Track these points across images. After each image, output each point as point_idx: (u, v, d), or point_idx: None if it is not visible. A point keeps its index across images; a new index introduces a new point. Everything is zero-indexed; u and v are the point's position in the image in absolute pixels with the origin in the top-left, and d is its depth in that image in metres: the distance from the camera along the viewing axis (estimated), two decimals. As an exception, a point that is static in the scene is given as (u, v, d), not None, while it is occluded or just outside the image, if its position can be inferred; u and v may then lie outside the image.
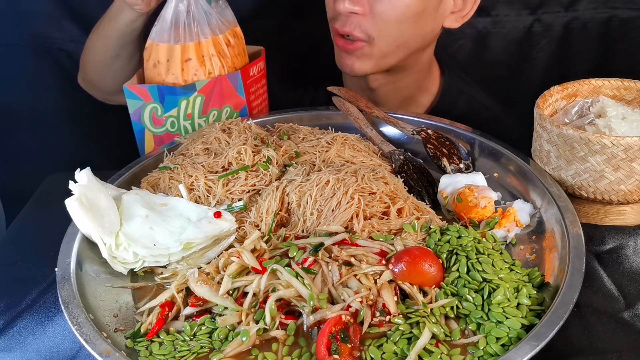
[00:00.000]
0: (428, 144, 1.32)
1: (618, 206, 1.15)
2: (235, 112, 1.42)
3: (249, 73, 1.42)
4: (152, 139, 1.42)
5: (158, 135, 1.41)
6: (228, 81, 1.38)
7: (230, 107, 1.41)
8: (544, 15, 1.83)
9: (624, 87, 1.27)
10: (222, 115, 1.41)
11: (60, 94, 1.97)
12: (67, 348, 0.99)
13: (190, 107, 1.38)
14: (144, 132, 1.41)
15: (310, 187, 1.11)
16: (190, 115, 1.39)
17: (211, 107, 1.39)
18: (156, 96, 1.36)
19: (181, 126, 1.40)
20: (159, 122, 1.40)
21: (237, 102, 1.41)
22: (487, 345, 0.88)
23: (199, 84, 1.36)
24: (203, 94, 1.37)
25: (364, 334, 0.90)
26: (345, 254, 0.99)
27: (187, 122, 1.39)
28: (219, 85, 1.37)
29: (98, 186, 1.09)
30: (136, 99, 1.37)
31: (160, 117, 1.39)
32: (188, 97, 1.36)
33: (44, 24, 1.88)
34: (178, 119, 1.39)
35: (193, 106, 1.38)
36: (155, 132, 1.41)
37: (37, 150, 2.02)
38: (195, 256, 1.07)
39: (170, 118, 1.39)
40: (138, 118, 1.39)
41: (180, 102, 1.37)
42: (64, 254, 1.04)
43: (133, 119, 1.40)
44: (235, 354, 0.90)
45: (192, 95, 1.36)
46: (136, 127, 1.40)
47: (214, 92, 1.38)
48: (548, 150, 1.16)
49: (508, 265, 1.00)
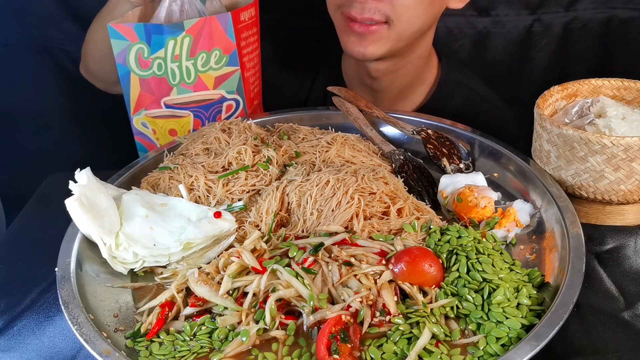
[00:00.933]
0: (428, 144, 1.32)
1: (618, 206, 1.15)
2: (225, 56, 1.37)
3: (240, 17, 1.37)
4: (137, 83, 1.37)
5: (144, 78, 1.36)
6: (217, 22, 1.33)
7: (219, 51, 1.36)
8: (544, 15, 1.83)
9: (624, 87, 1.27)
10: (210, 59, 1.36)
11: (60, 94, 1.97)
12: (67, 348, 0.99)
13: (178, 48, 1.33)
14: (129, 76, 1.36)
15: (310, 187, 1.11)
16: (177, 57, 1.34)
17: (200, 49, 1.34)
18: (142, 35, 1.31)
19: (168, 69, 1.35)
20: (146, 64, 1.34)
21: (227, 45, 1.36)
22: (487, 345, 0.88)
23: (187, 23, 1.31)
24: (191, 34, 1.32)
25: (364, 334, 0.90)
26: (345, 254, 0.99)
27: (174, 65, 1.34)
28: (208, 25, 1.33)
29: (98, 186, 1.09)
30: (121, 39, 1.32)
31: (147, 59, 1.34)
32: (176, 36, 1.31)
33: (44, 24, 1.89)
34: (165, 61, 1.34)
35: (181, 47, 1.33)
36: (141, 75, 1.36)
37: (37, 150, 2.02)
38: (195, 256, 1.07)
39: (157, 60, 1.34)
40: (123, 60, 1.34)
41: (168, 41, 1.32)
42: (64, 254, 1.04)
43: (118, 61, 1.34)
44: (235, 354, 0.90)
45: (180, 34, 1.31)
46: (121, 70, 1.35)
47: (202, 33, 1.33)
48: (548, 150, 1.16)
49: (508, 265, 1.00)
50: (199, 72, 1.37)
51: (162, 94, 1.38)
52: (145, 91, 1.38)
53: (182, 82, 1.37)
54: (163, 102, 1.39)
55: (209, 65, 1.36)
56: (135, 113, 1.41)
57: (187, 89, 1.38)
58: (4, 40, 1.89)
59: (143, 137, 1.44)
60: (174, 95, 1.38)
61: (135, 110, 1.41)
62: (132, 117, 1.42)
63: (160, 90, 1.38)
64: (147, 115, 1.40)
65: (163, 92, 1.38)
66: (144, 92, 1.38)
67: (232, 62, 1.38)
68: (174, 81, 1.37)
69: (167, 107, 1.35)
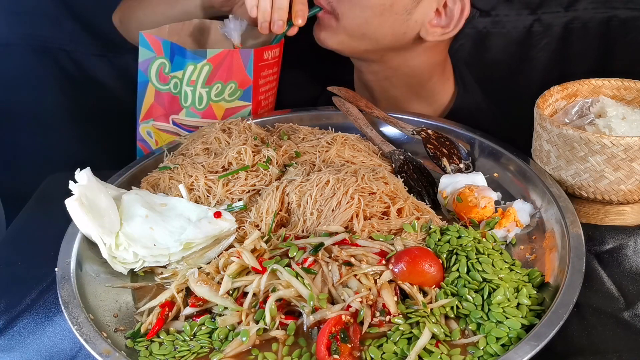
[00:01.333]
0: (428, 144, 1.32)
1: (618, 206, 1.15)
2: (240, 90, 1.39)
3: (263, 56, 1.39)
4: (153, 94, 1.39)
5: (160, 92, 1.39)
6: (239, 56, 1.35)
7: (235, 84, 1.38)
8: (544, 15, 1.83)
9: (624, 87, 1.27)
10: (225, 90, 1.38)
11: (60, 94, 1.97)
12: (67, 348, 0.99)
13: (196, 74, 1.35)
14: (147, 85, 1.39)
15: (310, 187, 1.11)
16: (193, 82, 1.36)
17: (217, 79, 1.36)
18: (168, 52, 1.34)
19: (182, 90, 1.37)
20: (165, 79, 1.38)
21: (244, 79, 1.38)
22: (487, 345, 0.88)
23: (210, 52, 1.34)
24: (212, 63, 1.34)
25: (364, 334, 0.90)
26: (345, 254, 0.99)
27: (189, 88, 1.37)
28: (230, 58, 1.35)
29: (98, 186, 1.09)
30: (149, 49, 1.36)
31: (167, 75, 1.37)
32: (196, 63, 1.34)
33: (44, 24, 1.89)
34: (181, 82, 1.37)
35: (199, 74, 1.35)
36: (159, 88, 1.39)
37: (37, 150, 2.02)
38: (195, 256, 1.07)
39: (174, 78, 1.37)
40: (145, 69, 1.37)
41: (187, 66, 1.34)
42: (64, 254, 1.04)
43: (140, 68, 1.37)
44: (235, 354, 0.90)
45: (200, 62, 1.34)
46: (141, 77, 1.39)
47: (223, 64, 1.35)
48: (548, 150, 1.16)
49: (508, 265, 1.00)
50: (211, 100, 1.39)
51: (173, 110, 1.41)
52: (157, 103, 1.40)
53: (193, 107, 1.39)
54: (171, 119, 1.41)
55: (222, 96, 1.38)
56: (143, 120, 1.43)
57: (197, 113, 1.40)
58: (4, 40, 1.89)
59: (145, 144, 1.47)
60: (183, 116, 1.40)
61: (144, 118, 1.43)
62: (139, 124, 1.44)
63: (171, 106, 1.41)
64: (154, 126, 1.43)
65: (174, 110, 1.41)
66: (157, 103, 1.41)
67: (245, 97, 1.40)
68: (186, 103, 1.39)
69: (174, 124, 1.37)
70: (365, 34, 1.40)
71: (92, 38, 1.91)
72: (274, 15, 1.30)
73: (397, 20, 1.39)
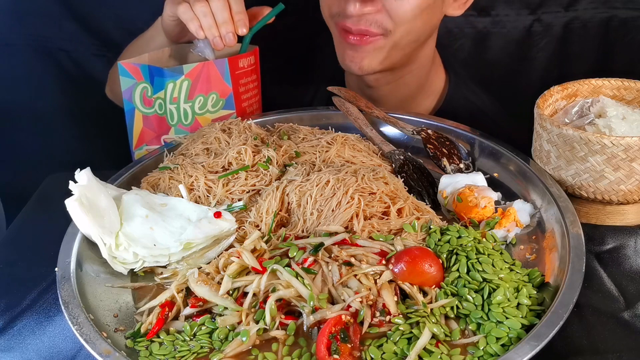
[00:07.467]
0: (428, 144, 1.32)
1: (618, 206, 1.15)
2: (222, 99, 1.40)
3: (238, 64, 1.40)
4: (141, 119, 1.41)
5: (147, 116, 1.41)
6: (215, 67, 1.37)
7: (216, 94, 1.39)
8: (544, 15, 1.83)
9: (624, 87, 1.27)
10: (207, 102, 1.39)
11: (60, 94, 1.97)
12: (67, 348, 0.99)
13: (177, 91, 1.37)
14: (134, 112, 1.41)
15: (310, 187, 1.11)
16: (176, 99, 1.38)
17: (198, 92, 1.38)
18: (147, 76, 1.37)
19: (167, 110, 1.39)
20: (149, 102, 1.40)
21: (224, 89, 1.40)
22: (487, 345, 0.88)
23: (187, 68, 1.36)
24: (190, 78, 1.36)
25: (364, 334, 0.90)
26: (345, 254, 0.99)
27: (173, 106, 1.39)
28: (206, 70, 1.37)
29: (98, 186, 1.09)
30: (129, 77, 1.38)
31: (150, 98, 1.39)
32: (175, 80, 1.36)
33: (44, 24, 1.89)
34: (165, 102, 1.39)
35: (180, 90, 1.37)
36: (145, 113, 1.41)
37: (37, 150, 2.02)
38: (195, 256, 1.07)
39: (158, 100, 1.39)
40: (129, 97, 1.39)
41: (167, 84, 1.36)
42: (64, 254, 1.04)
43: (124, 97, 1.40)
44: (235, 354, 0.90)
45: (179, 78, 1.36)
46: (127, 106, 1.41)
47: (200, 77, 1.37)
48: (548, 150, 1.16)
49: (508, 265, 1.00)
50: (196, 114, 1.40)
51: (162, 131, 1.43)
52: (147, 127, 1.42)
53: (180, 123, 1.41)
54: (163, 139, 1.42)
55: (206, 108, 1.40)
56: (137, 147, 1.45)
57: (185, 129, 1.41)
58: (4, 40, 1.89)
59: None
60: (172, 134, 1.42)
61: (137, 145, 1.45)
62: (133, 152, 1.45)
63: (160, 127, 1.42)
64: (147, 150, 1.43)
65: (163, 130, 1.43)
66: (146, 128, 1.42)
67: (228, 105, 1.42)
68: (173, 122, 1.41)
69: (166, 145, 1.37)
70: (412, 40, 1.40)
71: (92, 38, 1.91)
72: (221, 30, 1.31)
73: (436, 11, 1.41)
